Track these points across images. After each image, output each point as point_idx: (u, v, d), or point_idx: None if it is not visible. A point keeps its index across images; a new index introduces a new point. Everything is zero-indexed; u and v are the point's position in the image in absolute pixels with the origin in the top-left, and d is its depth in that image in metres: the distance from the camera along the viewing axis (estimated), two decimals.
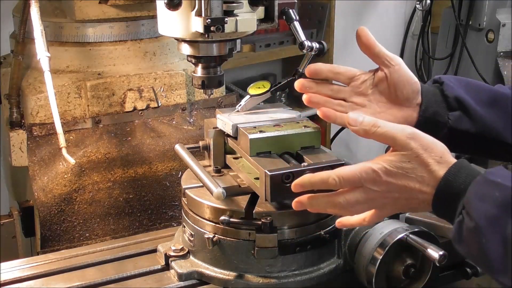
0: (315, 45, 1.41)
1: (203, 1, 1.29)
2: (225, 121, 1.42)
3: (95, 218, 1.74)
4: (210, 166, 1.48)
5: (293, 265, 1.32)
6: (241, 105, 1.46)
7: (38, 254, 1.65)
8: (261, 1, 1.37)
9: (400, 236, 1.29)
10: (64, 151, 1.56)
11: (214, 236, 1.31)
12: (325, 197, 1.15)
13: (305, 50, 1.40)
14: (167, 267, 1.39)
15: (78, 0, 1.73)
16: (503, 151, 1.36)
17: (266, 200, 1.25)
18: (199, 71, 1.44)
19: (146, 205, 1.79)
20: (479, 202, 1.01)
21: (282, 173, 1.22)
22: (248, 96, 1.46)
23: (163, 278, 1.37)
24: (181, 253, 1.39)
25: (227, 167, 1.47)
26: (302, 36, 1.41)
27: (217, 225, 1.31)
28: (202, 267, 1.35)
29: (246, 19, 1.35)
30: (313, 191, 1.18)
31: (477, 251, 1.02)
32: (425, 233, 1.32)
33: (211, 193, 1.28)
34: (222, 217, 1.28)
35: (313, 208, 1.18)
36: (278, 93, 2.39)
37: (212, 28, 1.29)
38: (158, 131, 1.83)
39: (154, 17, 1.52)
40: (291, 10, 1.43)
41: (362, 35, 1.32)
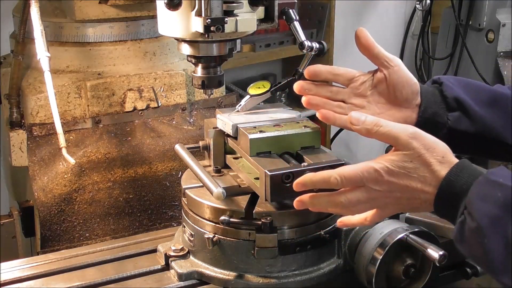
0: (315, 45, 1.41)
1: (203, 1, 1.29)
2: (225, 121, 1.42)
3: (95, 218, 1.74)
4: (210, 166, 1.48)
5: (293, 265, 1.32)
6: (241, 105, 1.46)
7: (38, 254, 1.65)
8: (261, 1, 1.37)
9: (400, 236, 1.29)
10: (64, 151, 1.56)
11: (214, 236, 1.31)
12: (326, 196, 1.15)
13: (305, 50, 1.40)
14: (167, 267, 1.39)
15: (78, 0, 1.73)
16: (503, 151, 1.36)
17: (266, 200, 1.25)
18: (199, 71, 1.44)
19: (146, 205, 1.79)
20: (481, 203, 1.01)
21: (282, 173, 1.22)
22: (248, 96, 1.46)
23: (163, 278, 1.37)
24: (181, 253, 1.39)
25: (227, 167, 1.47)
26: (302, 36, 1.41)
27: (217, 225, 1.31)
28: (202, 267, 1.35)
29: (246, 19, 1.35)
30: (314, 190, 1.18)
31: (479, 252, 1.02)
32: (425, 233, 1.32)
33: (211, 193, 1.28)
34: (222, 217, 1.28)
35: (315, 208, 1.18)
36: (278, 93, 2.39)
37: (212, 28, 1.29)
38: (158, 131, 1.83)
39: (154, 17, 1.52)
40: (291, 10, 1.43)
41: (361, 36, 1.32)
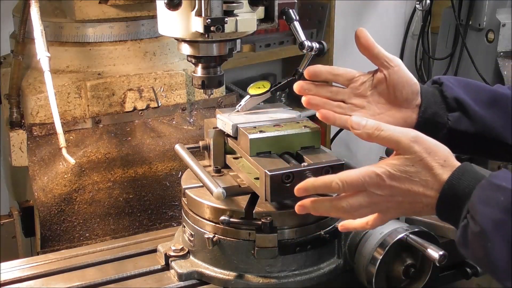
0: (315, 45, 1.41)
1: (203, 1, 1.29)
2: (225, 121, 1.42)
3: (95, 218, 1.74)
4: (210, 166, 1.48)
5: (293, 265, 1.32)
6: (241, 105, 1.46)
7: (38, 254, 1.65)
8: (261, 1, 1.37)
9: (400, 236, 1.29)
10: (64, 151, 1.56)
11: (214, 236, 1.31)
12: (328, 201, 1.15)
13: (305, 50, 1.40)
14: (167, 267, 1.39)
15: (78, 0, 1.73)
16: (502, 151, 1.35)
17: (266, 200, 1.25)
18: (199, 71, 1.44)
19: (146, 205, 1.79)
20: (484, 206, 1.00)
21: (282, 173, 1.22)
22: (248, 96, 1.46)
23: (163, 278, 1.37)
24: (181, 253, 1.39)
25: (227, 167, 1.47)
26: (302, 36, 1.41)
27: (217, 225, 1.31)
28: (202, 267, 1.35)
29: (246, 19, 1.35)
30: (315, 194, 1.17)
31: (482, 255, 1.01)
32: (425, 233, 1.32)
33: (211, 193, 1.28)
34: (222, 217, 1.28)
35: (316, 212, 1.17)
36: (278, 93, 2.39)
37: (212, 28, 1.29)
38: (158, 131, 1.83)
39: (154, 17, 1.52)
40: (291, 10, 1.43)
41: (361, 36, 1.32)
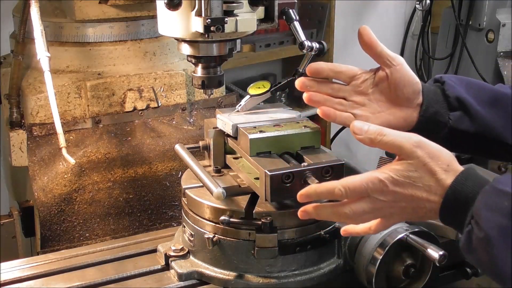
0: (315, 45, 1.41)
1: (203, 1, 1.29)
2: (225, 121, 1.42)
3: (95, 218, 1.74)
4: (210, 166, 1.48)
5: (293, 265, 1.32)
6: (241, 105, 1.46)
7: (38, 254, 1.65)
8: (261, 1, 1.37)
9: (400, 236, 1.29)
10: (64, 151, 1.56)
11: (214, 236, 1.31)
12: (330, 207, 1.14)
13: (305, 50, 1.40)
14: (167, 267, 1.39)
15: (78, 0, 1.73)
16: (503, 151, 1.35)
17: (266, 200, 1.25)
18: (199, 71, 1.44)
19: (146, 205, 1.79)
20: (488, 212, 1.00)
21: (282, 173, 1.22)
22: (248, 96, 1.46)
23: (163, 278, 1.37)
24: (181, 253, 1.39)
25: (227, 167, 1.47)
26: (302, 36, 1.41)
27: (217, 225, 1.31)
28: (202, 267, 1.35)
29: (246, 19, 1.35)
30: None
31: (487, 261, 1.01)
32: (425, 233, 1.32)
33: (211, 193, 1.28)
34: (222, 217, 1.28)
35: (319, 217, 1.17)
36: (278, 93, 2.39)
37: (212, 28, 1.29)
38: (158, 131, 1.83)
39: (154, 17, 1.52)
40: (291, 10, 1.43)
41: (364, 34, 1.31)
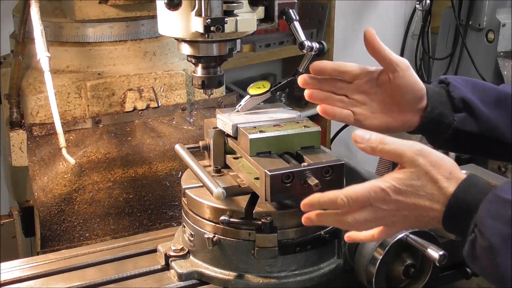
0: (315, 45, 1.41)
1: (203, 1, 1.29)
2: (225, 121, 1.42)
3: (95, 218, 1.74)
4: (210, 166, 1.48)
5: (293, 265, 1.32)
6: (241, 105, 1.46)
7: (38, 254, 1.65)
8: (261, 1, 1.37)
9: (400, 236, 1.29)
10: (64, 151, 1.56)
11: (214, 236, 1.31)
12: (333, 215, 1.14)
13: (305, 50, 1.40)
14: (167, 267, 1.39)
15: (78, 0, 1.73)
16: (503, 151, 1.35)
17: (266, 200, 1.25)
18: (199, 71, 1.44)
19: (146, 205, 1.79)
20: (492, 221, 0.99)
21: (282, 173, 1.22)
22: (248, 96, 1.46)
23: (163, 278, 1.37)
24: (181, 253, 1.39)
25: (227, 167, 1.47)
26: (302, 36, 1.41)
27: (217, 225, 1.31)
28: (202, 267, 1.35)
29: (246, 19, 1.35)
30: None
31: (491, 270, 1.01)
32: (425, 233, 1.31)
33: (211, 193, 1.28)
34: (222, 217, 1.28)
35: (322, 224, 1.17)
36: (278, 93, 2.38)
37: (212, 28, 1.29)
38: (158, 131, 1.83)
39: (154, 17, 1.52)
40: (291, 10, 1.43)
41: (368, 37, 1.29)
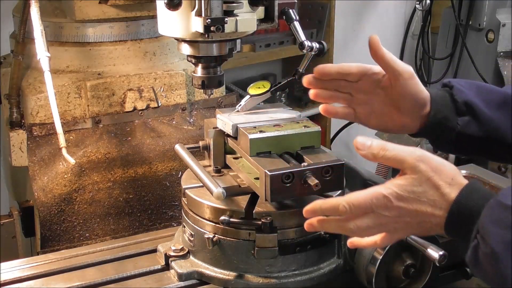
0: (315, 45, 1.41)
1: (203, 1, 1.29)
2: (225, 121, 1.42)
3: (95, 218, 1.74)
4: (210, 166, 1.48)
5: (293, 265, 1.32)
6: (241, 105, 1.46)
7: (38, 254, 1.65)
8: (261, 1, 1.37)
9: None
10: (64, 151, 1.56)
11: (214, 236, 1.31)
12: (335, 221, 1.14)
13: (305, 50, 1.40)
14: (167, 267, 1.39)
15: (78, 0, 1.73)
16: (506, 152, 1.35)
17: (266, 200, 1.25)
18: (199, 71, 1.44)
19: (146, 205, 1.79)
20: (494, 227, 1.00)
21: (282, 173, 1.22)
22: (248, 96, 1.46)
23: (163, 278, 1.37)
24: (181, 253, 1.39)
25: (227, 167, 1.47)
26: (302, 36, 1.41)
27: (217, 225, 1.31)
28: (202, 267, 1.35)
29: (246, 19, 1.35)
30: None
31: (494, 276, 1.01)
32: None
33: (211, 193, 1.28)
34: (222, 217, 1.28)
35: (324, 230, 1.17)
36: (278, 93, 2.39)
37: (212, 28, 1.29)
38: (158, 131, 1.83)
39: (154, 17, 1.52)
40: (291, 10, 1.43)
41: (372, 43, 1.29)
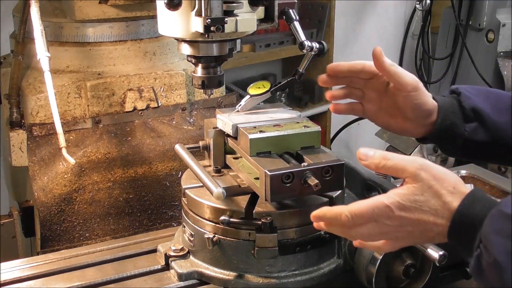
0: (315, 45, 1.41)
1: (203, 1, 1.29)
2: (225, 121, 1.42)
3: (95, 218, 1.74)
4: (210, 166, 1.48)
5: (293, 265, 1.32)
6: (241, 105, 1.46)
7: (38, 254, 1.65)
8: (261, 1, 1.37)
9: None
10: (64, 151, 1.56)
11: (214, 236, 1.31)
12: (339, 227, 1.14)
13: (305, 50, 1.41)
14: (167, 267, 1.40)
15: (78, 0, 1.73)
16: (508, 155, 1.35)
17: (266, 200, 1.25)
18: (199, 71, 1.44)
19: (146, 205, 1.79)
20: (496, 237, 0.99)
21: (282, 173, 1.22)
22: (248, 96, 1.46)
23: (163, 278, 1.37)
24: (181, 253, 1.39)
25: (227, 167, 1.47)
26: (302, 36, 1.41)
27: (217, 225, 1.31)
28: (202, 267, 1.35)
29: (246, 19, 1.35)
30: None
31: (498, 286, 1.01)
32: None
33: (211, 193, 1.28)
34: (222, 217, 1.28)
35: (330, 231, 1.18)
36: (278, 93, 2.39)
37: (212, 28, 1.29)
38: (158, 131, 1.83)
39: (154, 17, 1.52)
40: (291, 10, 1.43)
41: (376, 56, 1.31)
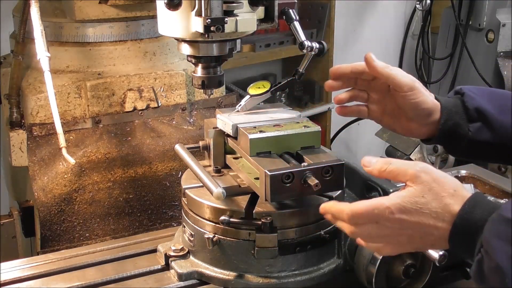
0: (315, 45, 1.41)
1: (203, 1, 1.29)
2: (225, 121, 1.42)
3: (95, 218, 1.74)
4: (210, 166, 1.48)
5: (293, 265, 1.32)
6: (241, 105, 1.46)
7: (38, 254, 1.65)
8: (261, 1, 1.37)
9: None
10: (64, 151, 1.56)
11: (214, 236, 1.31)
12: (342, 223, 1.15)
13: (305, 50, 1.41)
14: (167, 267, 1.40)
15: (78, 0, 1.73)
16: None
17: (266, 200, 1.25)
18: (199, 71, 1.44)
19: (146, 205, 1.79)
20: (497, 241, 0.99)
21: (282, 173, 1.22)
22: (248, 96, 1.46)
23: (163, 278, 1.37)
24: (181, 253, 1.39)
25: (227, 167, 1.47)
26: (302, 36, 1.41)
27: (217, 225, 1.31)
28: (202, 267, 1.35)
29: (246, 19, 1.35)
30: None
31: None
32: None
33: (211, 193, 1.28)
34: (222, 217, 1.28)
35: (336, 225, 1.19)
36: (278, 93, 2.39)
37: (212, 28, 1.29)
38: (158, 131, 1.83)
39: (154, 17, 1.52)
40: (291, 10, 1.43)
41: (368, 62, 1.32)
